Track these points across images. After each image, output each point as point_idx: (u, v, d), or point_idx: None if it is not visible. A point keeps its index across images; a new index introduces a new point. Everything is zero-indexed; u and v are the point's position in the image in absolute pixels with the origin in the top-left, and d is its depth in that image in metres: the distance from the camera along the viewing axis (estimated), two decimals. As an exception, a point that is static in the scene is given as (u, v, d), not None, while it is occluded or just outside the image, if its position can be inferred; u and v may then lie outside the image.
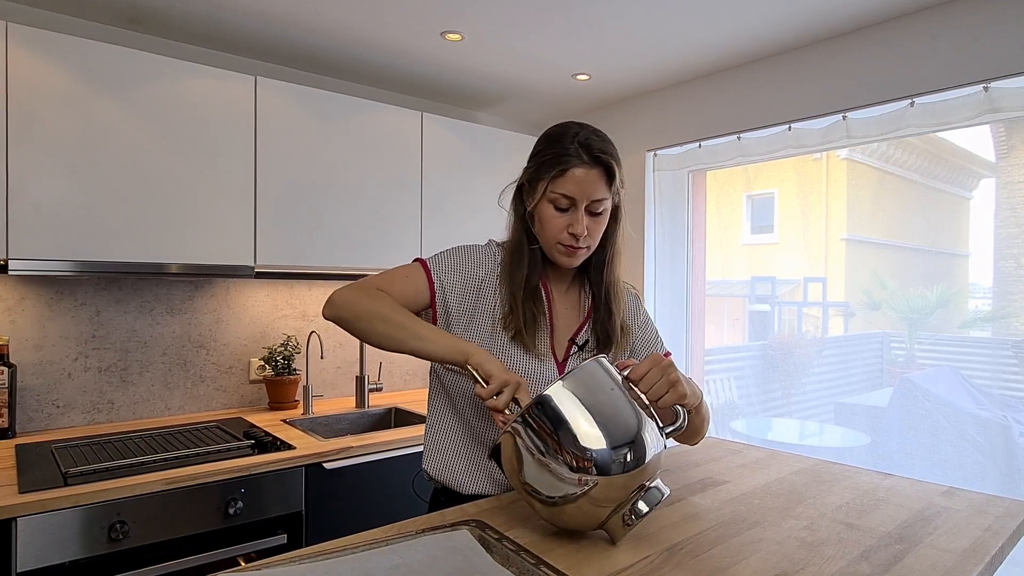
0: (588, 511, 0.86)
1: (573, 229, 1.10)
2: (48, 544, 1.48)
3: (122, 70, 1.91)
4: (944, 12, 2.02)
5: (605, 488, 0.84)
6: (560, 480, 0.85)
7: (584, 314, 1.23)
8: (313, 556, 0.83)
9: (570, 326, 1.22)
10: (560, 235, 1.11)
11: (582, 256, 1.15)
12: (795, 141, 2.43)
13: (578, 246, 1.12)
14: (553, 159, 1.09)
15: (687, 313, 2.94)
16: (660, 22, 2.16)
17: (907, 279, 4.20)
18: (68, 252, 1.83)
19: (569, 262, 1.15)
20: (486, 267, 1.19)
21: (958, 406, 3.09)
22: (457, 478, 1.19)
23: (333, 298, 1.12)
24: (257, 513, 1.79)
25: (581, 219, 1.09)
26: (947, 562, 0.85)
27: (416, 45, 2.37)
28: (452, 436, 1.22)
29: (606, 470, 0.84)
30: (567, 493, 0.85)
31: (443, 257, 1.19)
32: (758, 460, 1.36)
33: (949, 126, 2.06)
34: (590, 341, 1.21)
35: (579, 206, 1.09)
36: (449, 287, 1.16)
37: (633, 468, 0.85)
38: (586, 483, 0.84)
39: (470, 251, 1.21)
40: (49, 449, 1.84)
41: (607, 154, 1.09)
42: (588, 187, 1.08)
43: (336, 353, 2.76)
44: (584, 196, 1.09)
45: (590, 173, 1.08)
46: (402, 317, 1.08)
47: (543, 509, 0.88)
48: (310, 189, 2.28)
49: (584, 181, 1.08)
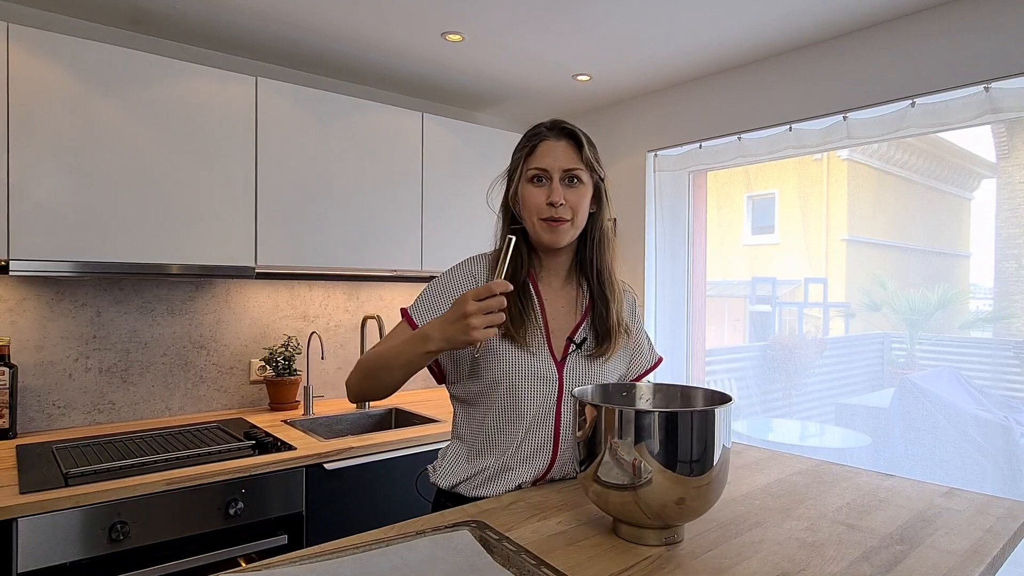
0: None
1: (551, 198, 1.15)
2: (49, 545, 1.48)
3: (123, 71, 1.92)
4: (945, 12, 2.02)
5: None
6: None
7: (581, 312, 1.23)
8: (314, 557, 0.83)
9: (567, 325, 1.22)
10: (540, 208, 1.16)
11: (565, 231, 1.18)
12: (796, 141, 2.43)
13: (558, 217, 1.16)
14: (525, 140, 1.21)
15: (688, 314, 2.94)
16: (660, 22, 2.16)
17: (908, 280, 4.20)
18: (69, 253, 1.83)
19: (553, 239, 1.18)
20: (466, 280, 1.22)
21: (959, 407, 3.09)
22: (467, 483, 1.19)
23: (347, 388, 1.22)
24: (258, 514, 1.79)
25: (557, 188, 1.16)
26: (948, 563, 0.85)
27: (417, 46, 2.37)
28: (467, 445, 1.23)
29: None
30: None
31: (427, 300, 1.23)
32: (759, 461, 1.36)
33: (950, 126, 2.06)
34: (588, 339, 1.21)
35: (554, 177, 1.16)
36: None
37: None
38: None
39: (452, 280, 1.24)
40: (50, 449, 1.84)
41: (573, 127, 1.19)
42: (559, 157, 1.17)
43: (336, 354, 2.76)
44: (556, 167, 1.16)
45: (558, 144, 1.17)
46: (376, 358, 1.15)
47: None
48: (311, 190, 2.28)
49: (553, 151, 1.17)
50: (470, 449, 1.22)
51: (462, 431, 1.25)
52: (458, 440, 1.26)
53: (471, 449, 1.21)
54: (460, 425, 1.25)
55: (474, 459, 1.20)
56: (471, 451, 1.21)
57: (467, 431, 1.23)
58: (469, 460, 1.21)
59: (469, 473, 1.19)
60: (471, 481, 1.19)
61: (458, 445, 1.25)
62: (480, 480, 1.18)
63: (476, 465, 1.19)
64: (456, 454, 1.24)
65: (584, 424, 0.90)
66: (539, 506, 1.06)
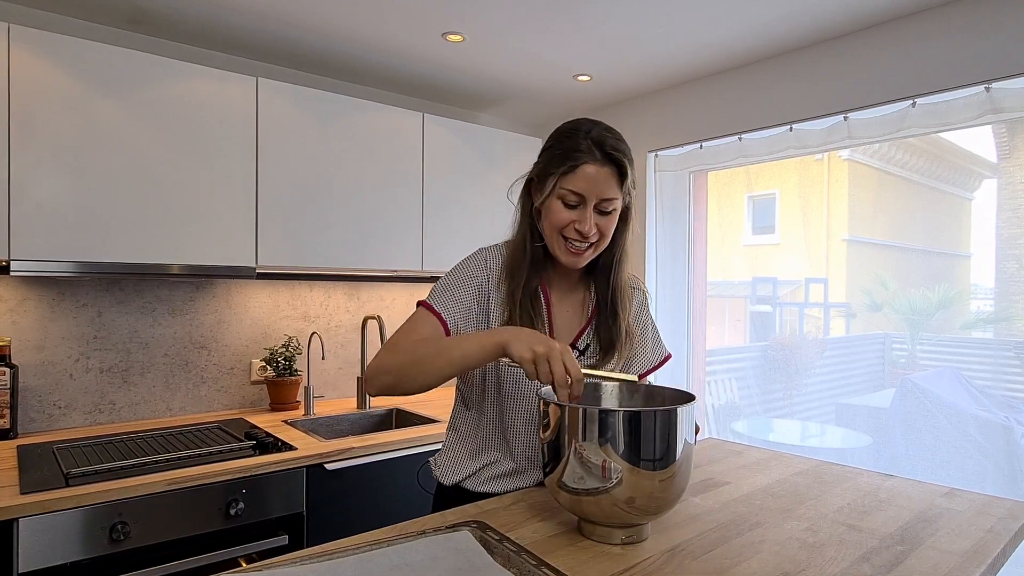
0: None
1: (580, 226, 1.07)
2: (49, 545, 1.48)
3: (124, 71, 1.92)
4: (945, 13, 2.02)
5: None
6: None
7: (586, 318, 1.22)
8: (314, 557, 0.83)
9: (571, 330, 1.21)
10: (567, 232, 1.08)
11: (587, 257, 1.12)
12: (796, 142, 2.43)
13: (583, 246, 1.09)
14: (564, 154, 1.07)
15: (688, 314, 2.94)
16: (661, 22, 2.16)
17: (908, 280, 4.20)
18: (70, 253, 1.83)
19: (573, 261, 1.12)
20: (483, 279, 1.17)
21: (960, 407, 3.08)
22: (473, 479, 1.19)
23: (369, 374, 1.08)
24: (258, 514, 1.79)
25: (589, 217, 1.07)
26: (949, 563, 0.85)
27: (417, 46, 2.37)
28: (469, 440, 1.22)
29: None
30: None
31: (445, 291, 1.16)
32: (759, 461, 1.36)
33: (951, 127, 2.05)
34: (591, 346, 1.20)
35: (588, 204, 1.07)
36: (460, 317, 1.14)
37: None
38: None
39: (465, 272, 1.18)
40: (51, 450, 1.84)
41: (620, 152, 1.07)
42: (599, 185, 1.05)
43: (337, 354, 2.76)
44: (594, 194, 1.06)
45: (601, 171, 1.05)
46: (426, 349, 1.03)
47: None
48: (312, 190, 2.28)
49: (595, 179, 1.05)
50: (471, 445, 1.21)
51: (462, 426, 1.24)
52: (454, 433, 1.25)
53: (472, 445, 1.21)
54: (459, 420, 1.25)
55: (477, 455, 1.20)
56: (472, 447, 1.21)
57: (467, 427, 1.23)
58: (473, 457, 1.20)
59: (472, 469, 1.19)
60: (476, 476, 1.19)
61: (456, 441, 1.24)
62: (487, 476, 1.18)
63: (480, 460, 1.19)
64: (456, 451, 1.23)
65: (549, 426, 0.91)
66: (540, 506, 1.06)
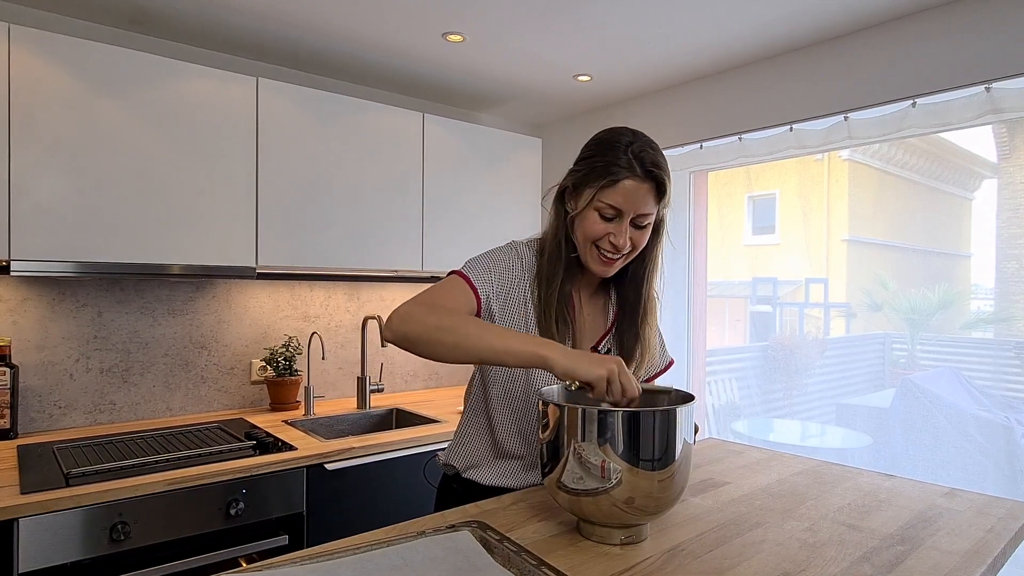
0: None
1: (615, 239, 1.07)
2: (50, 545, 1.48)
3: (124, 71, 1.92)
4: (946, 12, 2.02)
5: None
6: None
7: (608, 323, 1.22)
8: (314, 557, 0.83)
9: (593, 334, 1.21)
10: (600, 242, 1.09)
11: (617, 266, 1.12)
12: (797, 142, 2.43)
13: (615, 256, 1.09)
14: (604, 167, 1.06)
15: (688, 314, 2.94)
16: (661, 22, 2.16)
17: (909, 280, 4.20)
18: (70, 253, 1.83)
19: (604, 271, 1.12)
20: (518, 271, 1.16)
21: (960, 407, 3.09)
22: (479, 470, 1.19)
23: (393, 319, 1.03)
24: (258, 514, 1.79)
25: (625, 231, 1.07)
26: (949, 563, 0.85)
27: (417, 46, 2.37)
28: (481, 432, 1.22)
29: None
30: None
31: (481, 267, 1.15)
32: (759, 461, 1.36)
33: (951, 127, 2.05)
34: (612, 351, 1.20)
35: (625, 218, 1.07)
36: (493, 296, 1.14)
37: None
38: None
39: (502, 258, 1.17)
40: (51, 450, 1.84)
41: (659, 168, 1.06)
42: (637, 201, 1.05)
43: (337, 354, 2.76)
44: (632, 209, 1.06)
45: (641, 187, 1.05)
46: (468, 324, 1.00)
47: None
48: (312, 190, 2.28)
49: (634, 194, 1.05)
50: (487, 438, 1.21)
51: (480, 419, 1.22)
52: (473, 427, 1.23)
53: (488, 438, 1.21)
54: (478, 412, 1.23)
55: (496, 448, 1.20)
56: (489, 440, 1.21)
57: (484, 421, 1.22)
58: (496, 455, 1.20)
59: (489, 459, 1.19)
60: (489, 469, 1.19)
61: (473, 433, 1.23)
62: (502, 469, 1.18)
63: (496, 452, 1.19)
64: (472, 439, 1.22)
65: (548, 426, 0.91)
66: (540, 506, 1.06)
